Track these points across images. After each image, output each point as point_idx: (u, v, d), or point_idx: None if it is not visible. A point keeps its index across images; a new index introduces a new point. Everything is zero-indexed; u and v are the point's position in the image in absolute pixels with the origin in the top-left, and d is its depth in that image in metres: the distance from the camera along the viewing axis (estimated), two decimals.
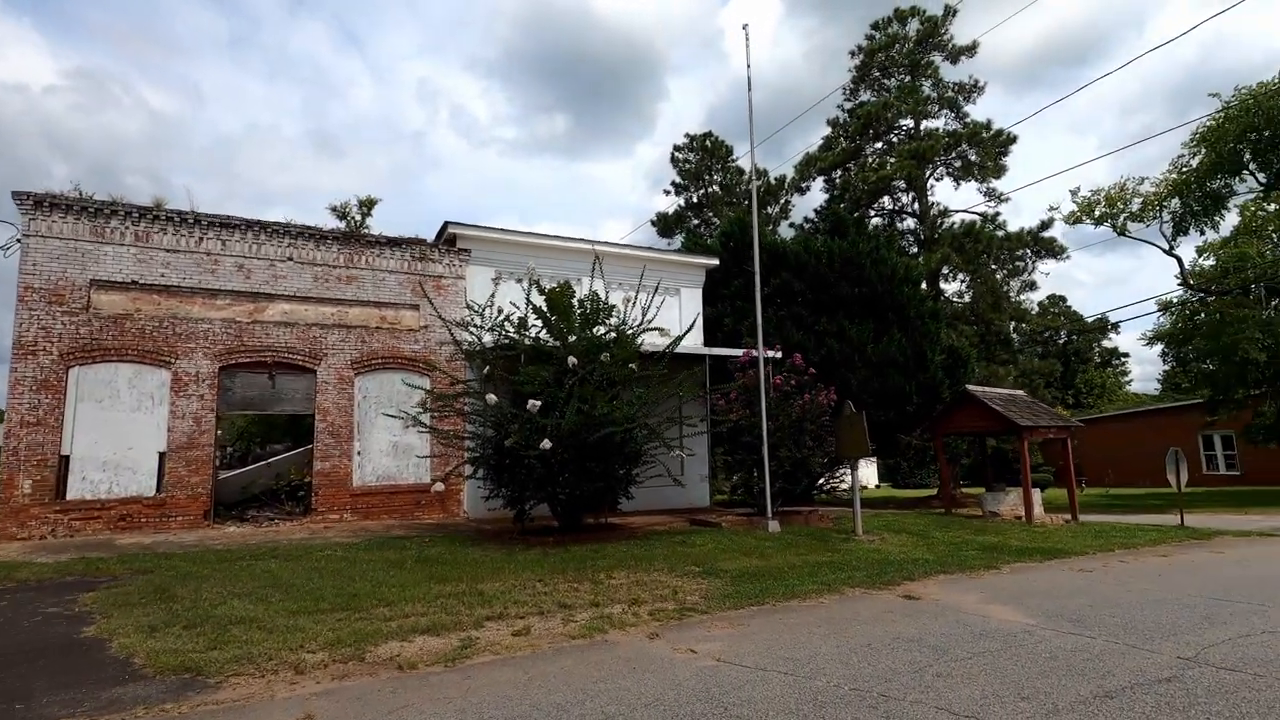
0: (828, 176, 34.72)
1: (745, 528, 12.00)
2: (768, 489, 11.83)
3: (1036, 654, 5.04)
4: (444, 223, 14.83)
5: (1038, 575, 8.56)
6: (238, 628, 5.82)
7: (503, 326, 11.03)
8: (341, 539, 11.00)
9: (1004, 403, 14.34)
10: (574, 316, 10.83)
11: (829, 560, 9.34)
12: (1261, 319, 21.14)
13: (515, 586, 7.49)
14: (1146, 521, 15.77)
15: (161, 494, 12.02)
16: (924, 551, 10.32)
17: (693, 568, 8.71)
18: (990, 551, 10.27)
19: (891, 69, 34.65)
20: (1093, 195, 25.49)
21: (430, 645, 5.39)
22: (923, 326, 17.94)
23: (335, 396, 13.52)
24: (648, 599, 6.98)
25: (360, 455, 13.59)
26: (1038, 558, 9.79)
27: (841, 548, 10.47)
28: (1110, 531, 12.88)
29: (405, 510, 13.74)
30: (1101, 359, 56.40)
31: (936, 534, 12.14)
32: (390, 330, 14.21)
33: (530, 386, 10.28)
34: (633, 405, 10.18)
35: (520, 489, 10.33)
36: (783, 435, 12.66)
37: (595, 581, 7.78)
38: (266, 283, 13.24)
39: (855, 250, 18.08)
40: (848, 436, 11.60)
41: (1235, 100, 19.89)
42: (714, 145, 42.06)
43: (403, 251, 14.47)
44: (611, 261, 15.25)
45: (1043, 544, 11.13)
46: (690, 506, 15.85)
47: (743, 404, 13.08)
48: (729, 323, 17.89)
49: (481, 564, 8.78)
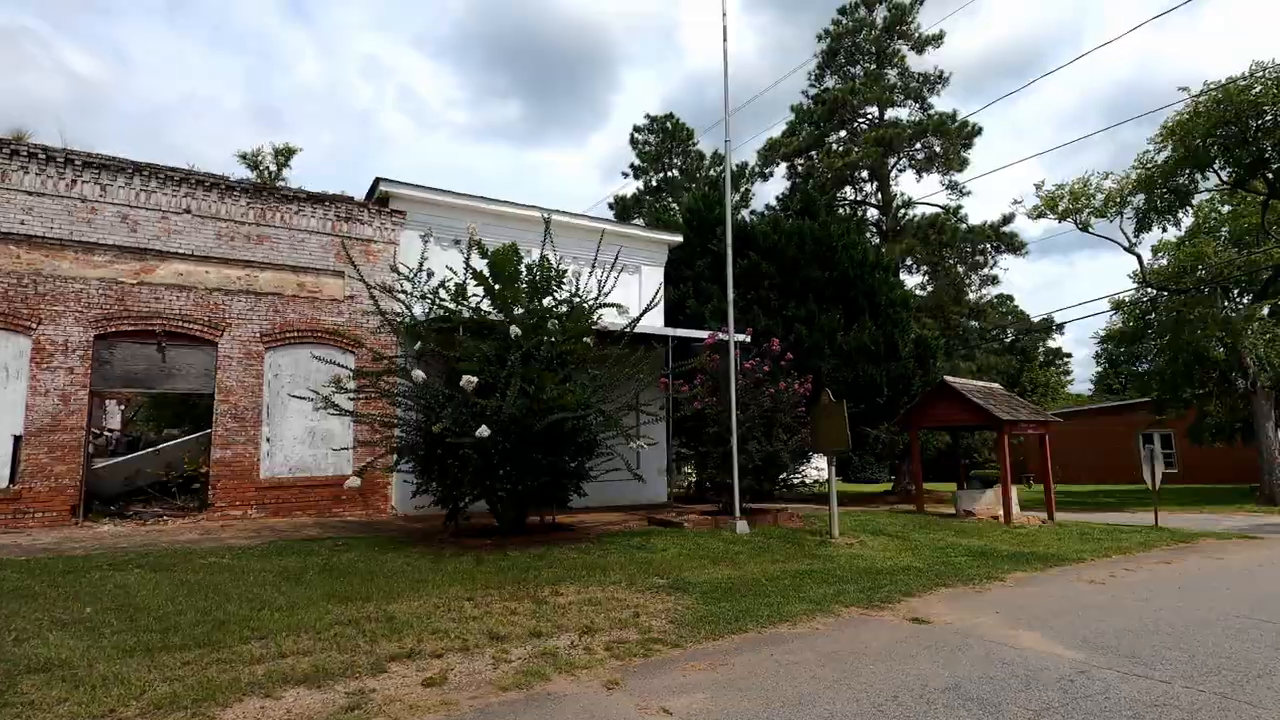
0: (791, 163, 33.76)
1: (710, 528, 10.74)
2: (736, 486, 10.59)
3: (1114, 711, 3.86)
4: (375, 179, 13.03)
5: (1047, 588, 7.53)
6: (35, 677, 4.18)
7: (437, 294, 9.43)
8: (238, 541, 9.25)
9: (983, 395, 13.46)
10: (520, 283, 9.32)
11: (810, 569, 8.13)
12: (1221, 317, 21.05)
13: (438, 608, 6.00)
14: (1118, 521, 15.24)
15: (16, 485, 9.99)
16: (910, 557, 9.24)
17: (656, 579, 7.37)
18: (981, 558, 9.25)
19: (858, 56, 33.91)
20: (1056, 190, 25.16)
21: (304, 706, 3.88)
22: (894, 314, 17.02)
23: (240, 374, 11.64)
24: (603, 625, 5.59)
25: (270, 442, 11.76)
26: (1036, 565, 8.81)
27: (820, 553, 9.30)
28: (1093, 533, 12.13)
29: (323, 506, 11.99)
30: (1046, 359, 57.61)
31: (917, 536, 11.14)
32: (309, 299, 12.37)
33: (468, 364, 8.75)
34: (586, 388, 8.75)
35: (453, 484, 8.79)
36: (753, 426, 11.44)
37: (538, 600, 6.35)
38: (157, 238, 11.25)
39: (827, 232, 17.02)
40: (826, 428, 10.44)
41: (1204, 96, 19.60)
42: (675, 127, 40.76)
43: (325, 209, 12.62)
44: (566, 233, 13.72)
45: (1032, 548, 10.21)
46: (648, 503, 14.53)
47: (708, 391, 11.80)
48: (692, 305, 16.60)
49: (400, 575, 7.23)
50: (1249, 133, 19.11)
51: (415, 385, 8.72)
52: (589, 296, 10.03)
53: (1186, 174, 21.06)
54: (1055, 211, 25.36)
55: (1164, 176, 21.36)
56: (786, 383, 11.59)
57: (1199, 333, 21.15)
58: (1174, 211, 22.12)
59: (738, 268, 16.68)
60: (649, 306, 10.42)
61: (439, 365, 9.60)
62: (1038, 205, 25.90)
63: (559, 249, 12.34)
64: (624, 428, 9.39)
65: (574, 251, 13.94)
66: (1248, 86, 18.80)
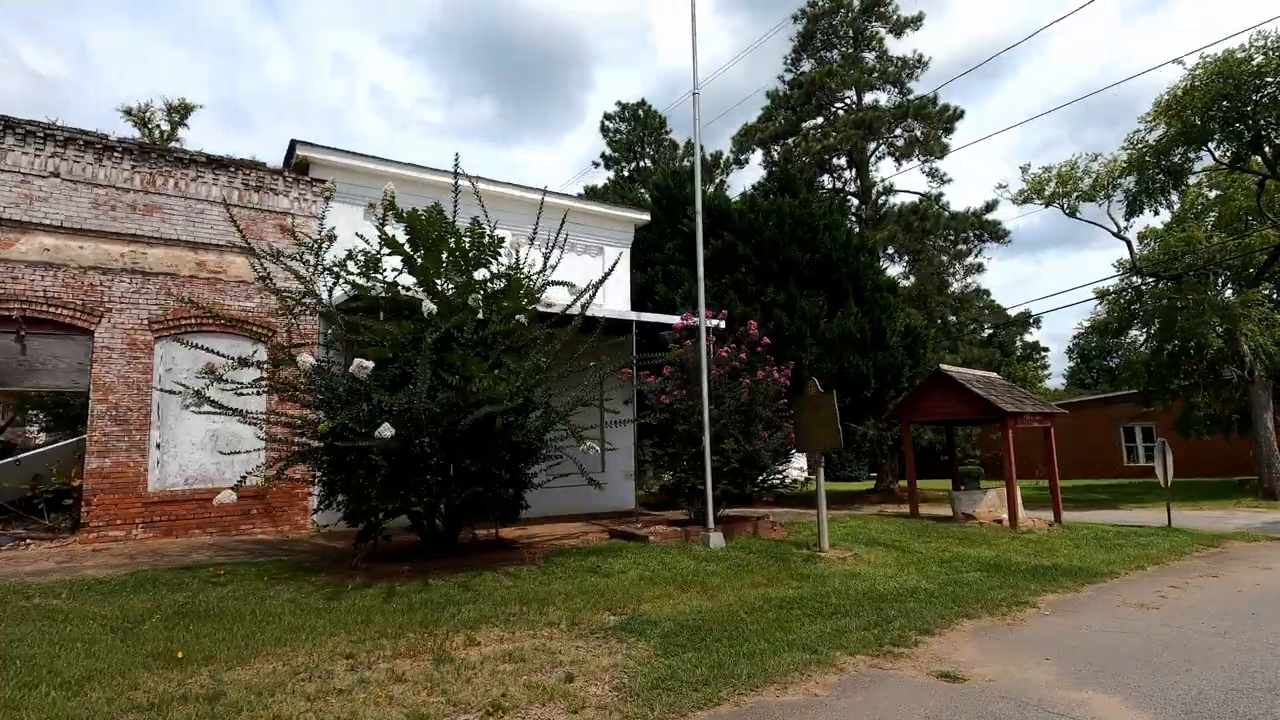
0: (767, 149, 32.43)
1: (679, 542, 9.21)
2: (709, 493, 9.06)
3: None
4: (290, 142, 11.25)
5: (1093, 617, 6.10)
6: None
7: (344, 268, 7.74)
8: (99, 571, 7.48)
9: (984, 386, 12.11)
10: (447, 249, 7.68)
11: (799, 595, 6.62)
12: (1218, 303, 20.07)
13: (297, 673, 4.36)
14: (1122, 520, 14.05)
15: None
16: (916, 575, 7.77)
17: (607, 616, 5.80)
18: (998, 574, 7.83)
19: (834, 39, 32.69)
20: (1043, 173, 24.11)
21: None
22: (880, 299, 15.63)
23: (123, 368, 9.82)
24: (520, 698, 4.00)
25: (161, 449, 9.95)
26: (1065, 583, 7.39)
27: (809, 571, 7.80)
28: (1108, 538, 10.81)
29: (228, 524, 10.22)
30: (1023, 353, 57.16)
31: (917, 546, 9.70)
32: (211, 280, 10.58)
33: (378, 350, 7.10)
34: (518, 376, 7.13)
35: (359, 497, 7.12)
36: (728, 422, 9.93)
37: (442, 655, 4.73)
38: (16, 205, 9.39)
39: (808, 211, 15.56)
40: (814, 423, 8.96)
41: (1201, 69, 18.55)
42: (647, 114, 39.22)
43: (231, 176, 10.83)
44: (515, 208, 12.08)
45: (1051, 559, 8.82)
46: (613, 510, 12.97)
47: (678, 384, 10.26)
48: (662, 291, 15.06)
49: (274, 620, 5.57)
50: (1249, 107, 18.09)
51: (306, 375, 7.04)
52: (533, 272, 8.45)
53: (1181, 152, 20.03)
54: (1042, 196, 24.33)
55: (1156, 156, 20.32)
56: (765, 371, 10.09)
57: (1194, 320, 20.13)
58: (1166, 193, 21.09)
59: (711, 249, 15.18)
60: (606, 274, 8.85)
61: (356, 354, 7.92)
62: (1023, 190, 24.85)
63: (511, 226, 10.76)
64: (574, 426, 7.80)
65: (525, 227, 12.30)
66: (1248, 58, 17.78)
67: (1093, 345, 64.30)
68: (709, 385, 9.48)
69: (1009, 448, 11.44)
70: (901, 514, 14.00)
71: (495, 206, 9.90)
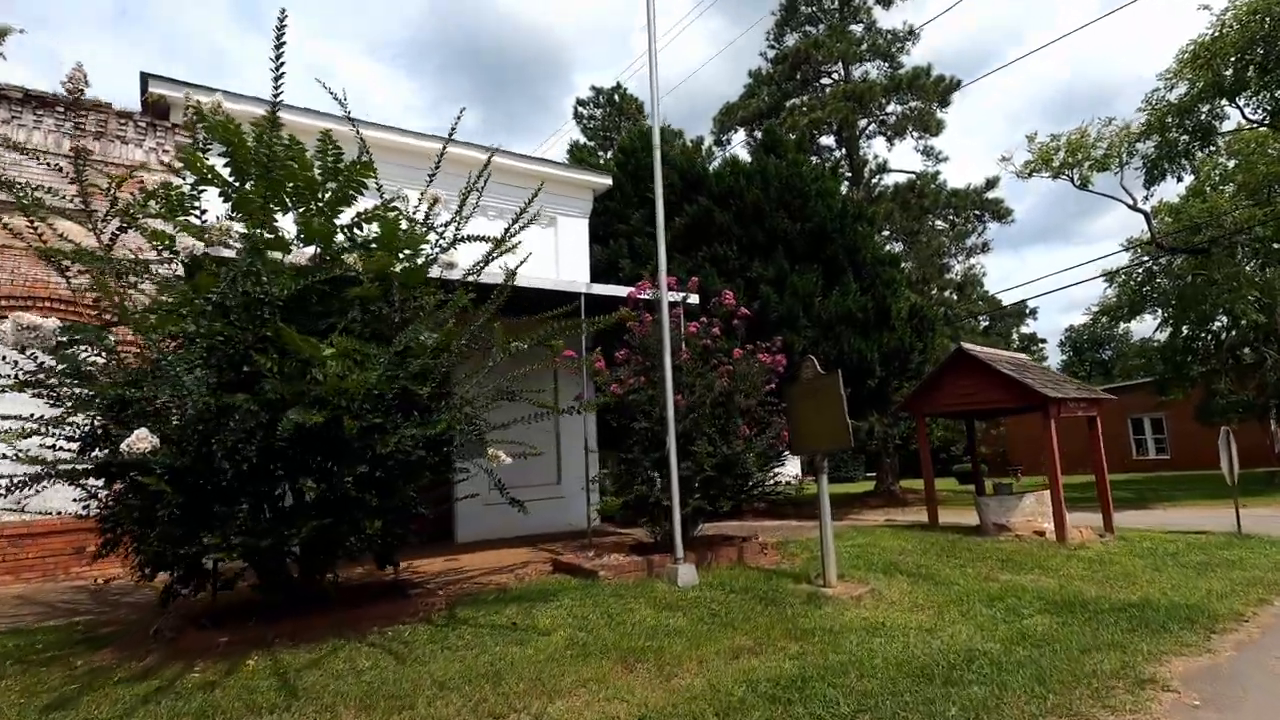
0: (750, 129, 30.32)
1: (638, 577, 6.95)
2: (676, 513, 6.80)
3: None
4: (142, 76, 8.89)
5: (1266, 702, 3.87)
6: None
7: (142, 207, 5.45)
8: None
9: (1016, 368, 9.93)
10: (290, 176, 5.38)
11: (800, 673, 4.35)
12: (1255, 278, 18.07)
13: None
14: (1172, 524, 11.90)
15: None
16: (964, 626, 5.50)
17: None
18: (1075, 618, 5.60)
19: (820, 13, 30.64)
20: (1051, 141, 22.12)
21: None
22: (882, 274, 13.44)
23: None
24: None
25: None
26: (1181, 635, 5.16)
27: (812, 622, 5.53)
28: (1182, 552, 8.60)
29: (55, 565, 7.84)
30: (1021, 345, 55.47)
31: (949, 573, 7.45)
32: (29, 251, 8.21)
33: (171, 320, 4.81)
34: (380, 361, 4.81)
35: (140, 538, 4.80)
36: (701, 418, 7.68)
37: None
38: None
39: (797, 173, 13.35)
40: (813, 416, 6.72)
41: (1231, 13, 16.57)
42: (623, 99, 37.06)
43: (62, 119, 8.51)
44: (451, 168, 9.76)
45: (1133, 590, 6.61)
46: (568, 529, 10.71)
47: (635, 370, 8.01)
48: (628, 266, 12.81)
49: None
50: None
51: (72, 366, 4.74)
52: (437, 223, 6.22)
53: (1208, 109, 18.04)
54: (1050, 167, 22.32)
55: (1180, 115, 18.33)
56: (745, 350, 7.86)
57: (1228, 296, 18.13)
58: (1191, 155, 19.09)
59: (686, 216, 12.95)
60: (530, 220, 6.53)
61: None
62: (1030, 161, 22.86)
63: (446, 188, 8.47)
64: (477, 428, 5.53)
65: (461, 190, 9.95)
66: None
67: (1085, 339, 62.61)
68: (673, 371, 7.24)
69: (1052, 440, 9.25)
70: (915, 523, 11.81)
71: (420, 167, 7.62)
